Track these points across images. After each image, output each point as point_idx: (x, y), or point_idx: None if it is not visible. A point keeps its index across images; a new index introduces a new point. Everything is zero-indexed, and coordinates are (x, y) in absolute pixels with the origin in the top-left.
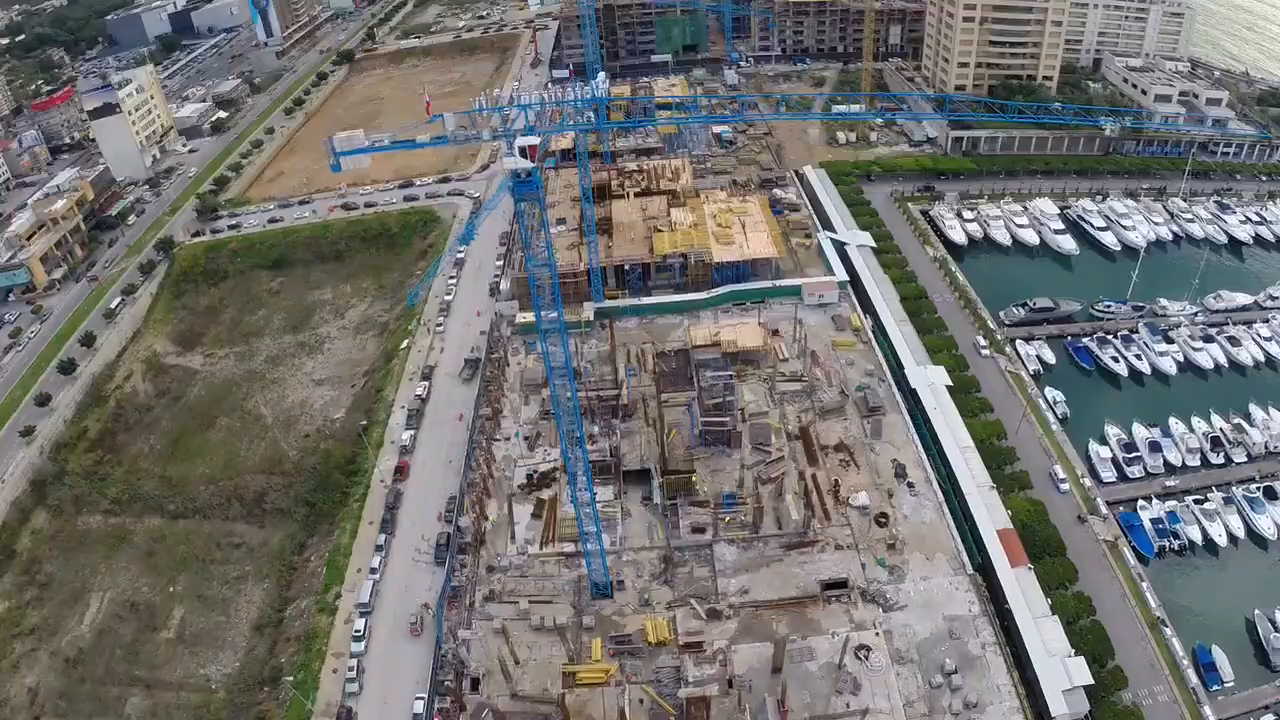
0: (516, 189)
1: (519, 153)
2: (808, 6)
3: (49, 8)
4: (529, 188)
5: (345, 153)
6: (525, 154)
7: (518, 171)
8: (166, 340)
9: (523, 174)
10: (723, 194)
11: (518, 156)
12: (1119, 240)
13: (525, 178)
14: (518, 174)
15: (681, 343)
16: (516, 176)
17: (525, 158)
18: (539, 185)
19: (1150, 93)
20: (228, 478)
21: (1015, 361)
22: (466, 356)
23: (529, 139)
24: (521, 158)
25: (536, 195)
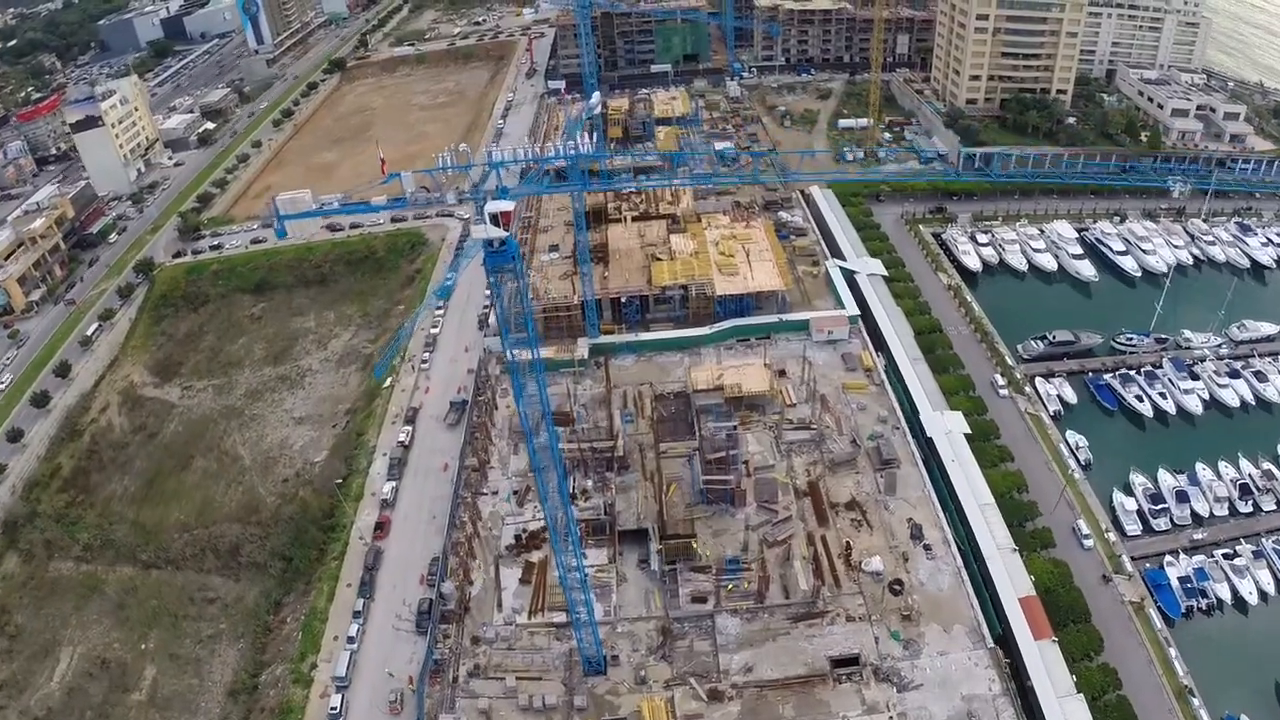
0: (489, 259)
1: (489, 219)
2: (812, 15)
3: (43, 11)
4: (503, 258)
5: (290, 216)
6: (497, 221)
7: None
8: (144, 369)
9: (495, 243)
10: (725, 219)
11: (488, 224)
12: (1139, 265)
13: (498, 247)
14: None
15: (681, 384)
16: (488, 245)
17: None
18: (515, 253)
19: (1167, 107)
20: (203, 526)
21: (1035, 402)
22: (452, 399)
23: (501, 204)
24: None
25: (512, 266)
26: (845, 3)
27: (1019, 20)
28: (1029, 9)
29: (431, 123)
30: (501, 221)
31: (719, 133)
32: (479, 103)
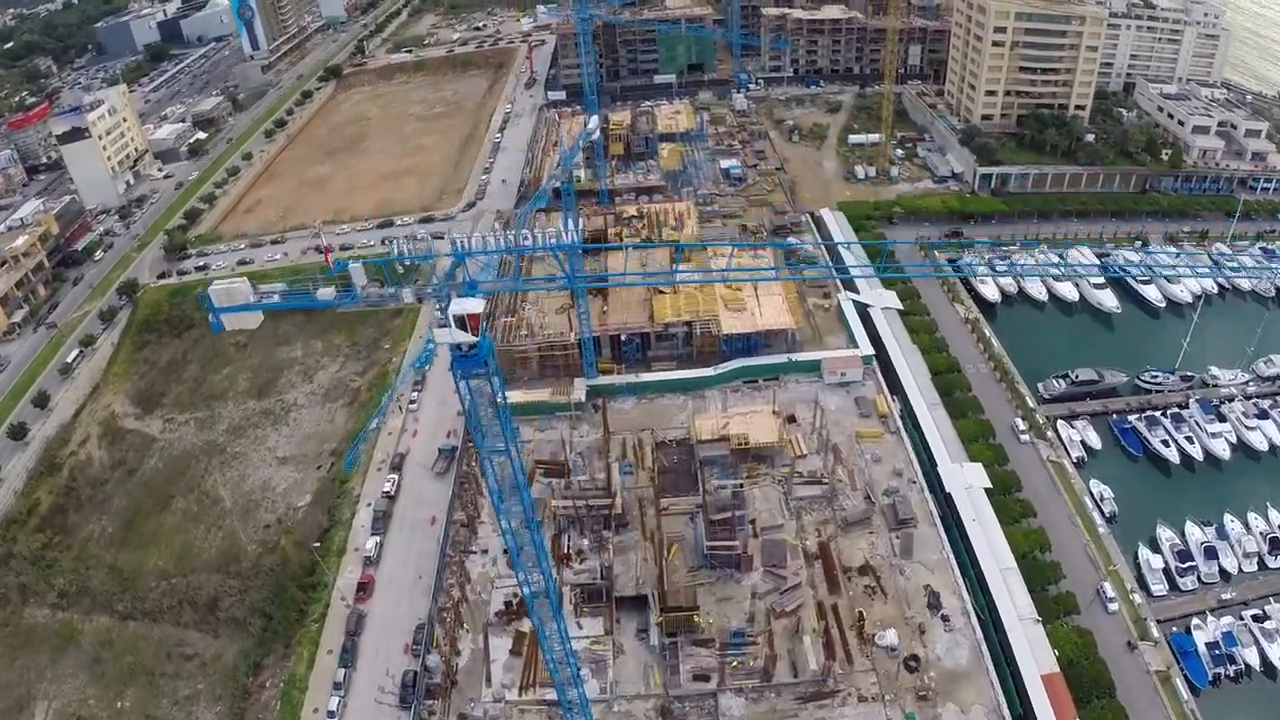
0: (457, 365)
1: (454, 322)
2: (822, 25)
3: (42, 12)
4: (473, 363)
5: (227, 309)
6: (465, 325)
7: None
8: (125, 399)
9: (464, 347)
10: None
11: (453, 327)
12: (1163, 295)
13: (467, 351)
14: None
15: (684, 429)
16: (456, 348)
17: (465, 329)
18: (489, 357)
19: (1188, 124)
20: (181, 574)
21: (1057, 448)
22: (441, 445)
23: (468, 303)
24: (459, 329)
25: (486, 372)
26: (856, 11)
27: (1038, 33)
28: (1048, 21)
29: (428, 134)
30: (469, 326)
31: (724, 149)
32: (477, 114)
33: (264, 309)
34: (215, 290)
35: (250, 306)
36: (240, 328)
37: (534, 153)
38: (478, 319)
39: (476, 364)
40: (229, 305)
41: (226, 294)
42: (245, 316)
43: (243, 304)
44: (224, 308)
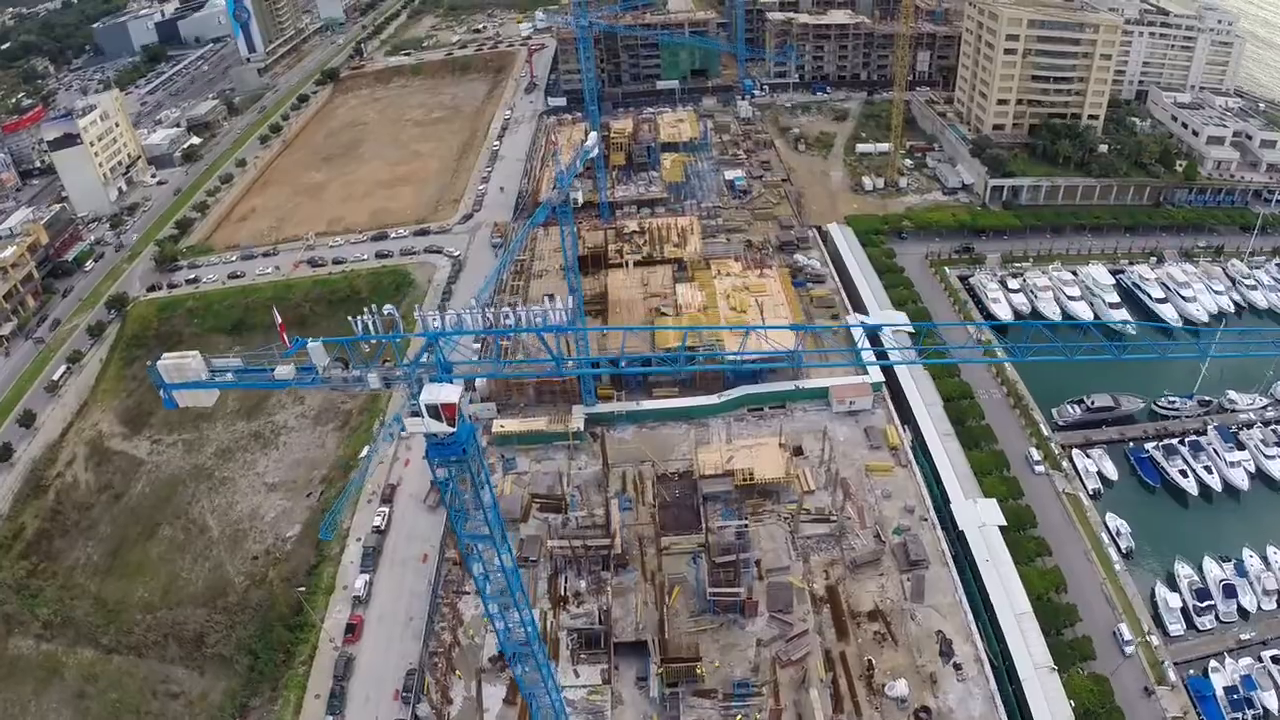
0: (432, 453)
1: (428, 412)
2: (828, 30)
3: (41, 11)
4: (450, 450)
5: (177, 385)
6: (438, 414)
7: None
8: (113, 417)
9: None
10: (737, 265)
11: (426, 417)
12: (1179, 314)
13: (444, 438)
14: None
15: (686, 461)
16: (431, 434)
17: (438, 419)
18: (468, 444)
19: (1203, 134)
20: (167, 606)
21: (1073, 479)
22: (434, 478)
23: (443, 391)
24: (433, 419)
25: (465, 459)
26: (863, 17)
27: (1051, 41)
28: (1062, 29)
29: (425, 140)
30: (444, 415)
31: (729, 159)
32: (475, 119)
33: (218, 387)
34: (165, 365)
35: (203, 384)
36: (195, 405)
37: (533, 162)
38: (454, 409)
39: (453, 451)
40: (180, 382)
41: (177, 370)
42: (200, 394)
43: (195, 381)
44: (176, 384)
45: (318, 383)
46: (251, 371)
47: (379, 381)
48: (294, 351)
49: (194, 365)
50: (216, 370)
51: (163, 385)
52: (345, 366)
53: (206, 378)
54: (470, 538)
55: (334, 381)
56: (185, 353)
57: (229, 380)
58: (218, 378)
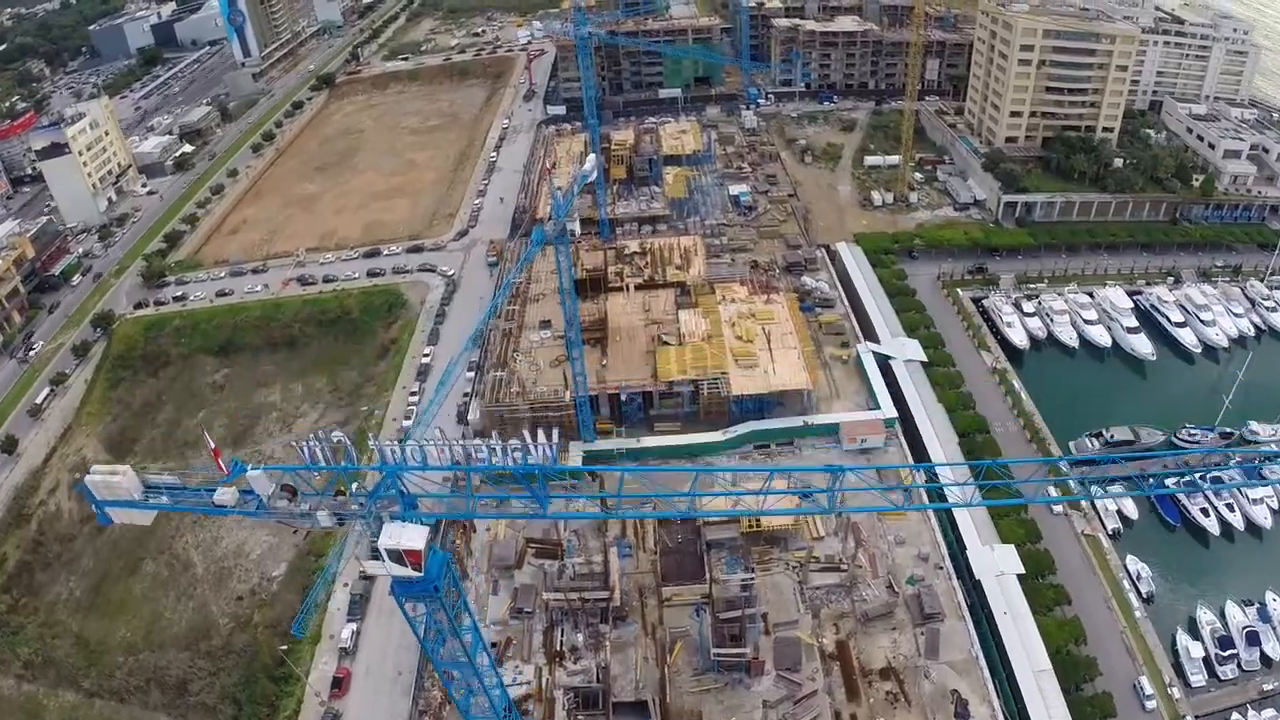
0: (398, 589)
1: (388, 556)
2: (835, 37)
3: (39, 12)
4: (420, 587)
5: (110, 503)
6: (401, 560)
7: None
8: (98, 443)
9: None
10: (743, 289)
11: (386, 560)
12: (1199, 338)
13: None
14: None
15: (690, 503)
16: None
17: (401, 564)
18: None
19: (1219, 147)
20: (150, 648)
21: (1092, 519)
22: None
23: (406, 533)
24: (395, 563)
25: (437, 596)
26: (870, 24)
27: (1066, 51)
28: (1078, 39)
29: (421, 149)
30: (409, 562)
31: (733, 172)
32: (473, 128)
33: (150, 509)
34: (94, 481)
35: (133, 504)
36: (130, 523)
37: (530, 175)
38: (419, 555)
39: (423, 589)
40: (112, 500)
41: (106, 486)
42: (135, 512)
43: (125, 500)
44: (107, 501)
45: (263, 513)
46: (189, 493)
47: (329, 520)
48: (232, 479)
49: (125, 483)
50: (151, 488)
51: (94, 502)
52: (293, 496)
53: (139, 497)
54: (449, 665)
55: (280, 514)
56: (116, 467)
57: (164, 503)
58: (151, 498)
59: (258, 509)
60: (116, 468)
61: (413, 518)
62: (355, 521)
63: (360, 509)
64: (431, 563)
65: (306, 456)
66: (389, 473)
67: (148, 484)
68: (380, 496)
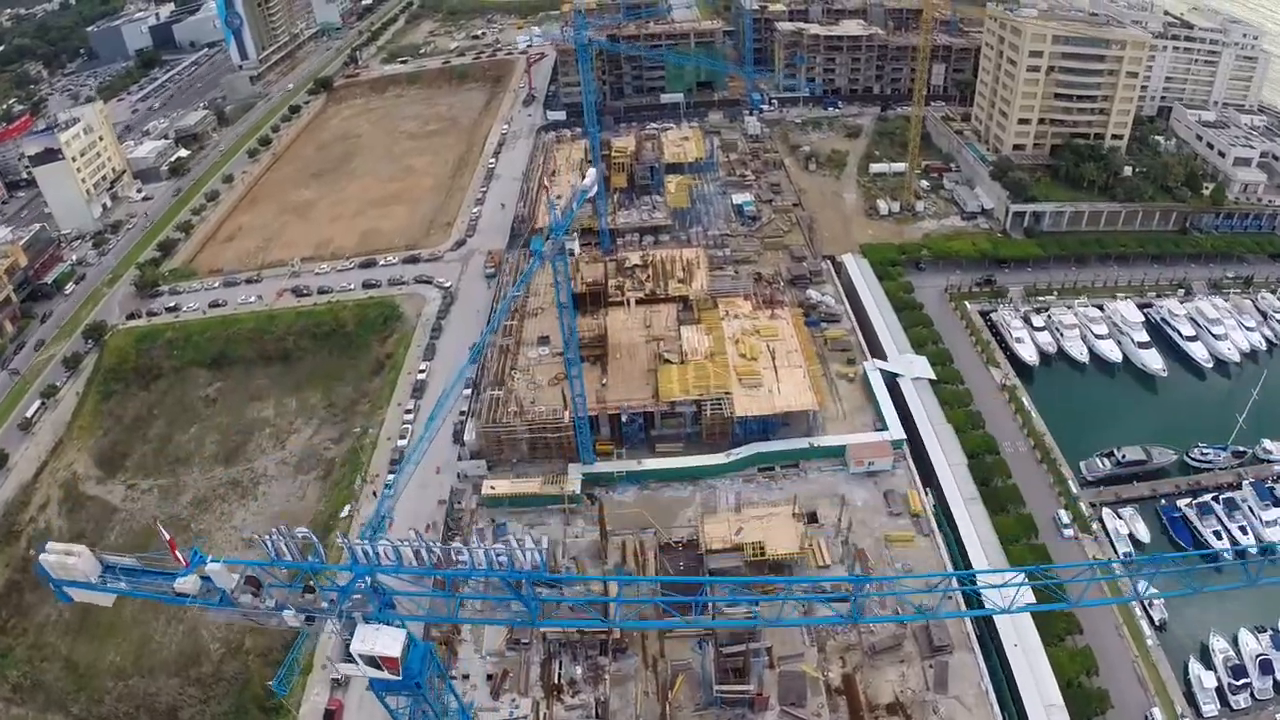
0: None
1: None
2: (840, 42)
3: (39, 13)
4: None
5: (68, 583)
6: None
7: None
8: (89, 458)
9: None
10: (746, 304)
11: (360, 663)
12: (1210, 353)
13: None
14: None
15: (691, 527)
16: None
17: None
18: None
19: (1229, 154)
20: (140, 672)
21: (1103, 543)
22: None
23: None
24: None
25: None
26: (876, 28)
27: (1076, 58)
28: (1089, 45)
29: (420, 154)
30: (384, 666)
31: (736, 180)
32: (472, 133)
33: (109, 592)
34: (49, 560)
35: (92, 586)
36: (91, 603)
37: (529, 184)
38: (396, 662)
39: (404, 687)
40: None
41: (61, 566)
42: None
43: (83, 581)
44: (64, 581)
45: (227, 607)
46: (149, 577)
47: (298, 619)
48: (190, 571)
49: (81, 564)
50: (109, 569)
51: (51, 581)
52: (257, 590)
53: (97, 579)
54: None
55: (244, 609)
56: (72, 547)
57: (122, 588)
58: (109, 581)
59: (221, 601)
60: (72, 547)
61: (389, 618)
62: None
63: (331, 606)
64: (412, 660)
65: (271, 551)
66: (359, 573)
67: (105, 564)
68: (352, 593)
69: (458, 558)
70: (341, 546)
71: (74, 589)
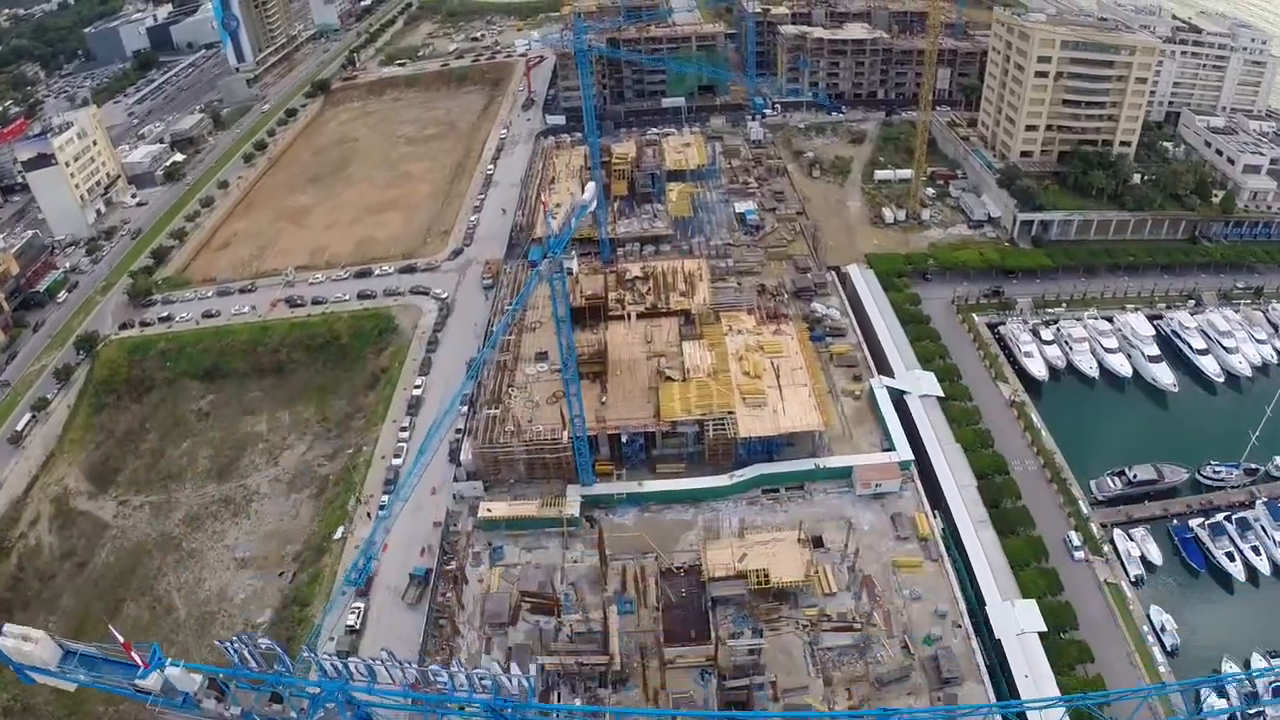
0: None
1: None
2: (844, 45)
3: (37, 13)
4: None
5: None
6: None
7: None
8: (80, 473)
9: None
10: (749, 318)
11: None
12: (1221, 367)
13: None
14: None
15: (694, 552)
16: None
17: None
18: None
19: (1239, 161)
20: (130, 700)
21: (1114, 565)
22: (413, 569)
23: None
24: None
25: None
26: (880, 31)
27: (1084, 64)
28: (1098, 51)
29: (417, 160)
30: None
31: (739, 187)
32: (470, 137)
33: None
34: (5, 645)
35: (51, 673)
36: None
37: (528, 191)
38: None
39: None
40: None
41: (18, 651)
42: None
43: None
44: (25, 666)
45: (191, 709)
46: (111, 668)
47: None
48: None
49: (38, 651)
50: (69, 655)
51: (11, 665)
52: (221, 696)
53: (55, 666)
54: None
55: (209, 715)
56: (30, 632)
57: (82, 679)
58: (69, 670)
59: (185, 703)
60: (30, 633)
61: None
62: None
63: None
64: None
65: (235, 659)
66: (328, 690)
67: (65, 649)
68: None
69: (436, 680)
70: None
71: (35, 673)
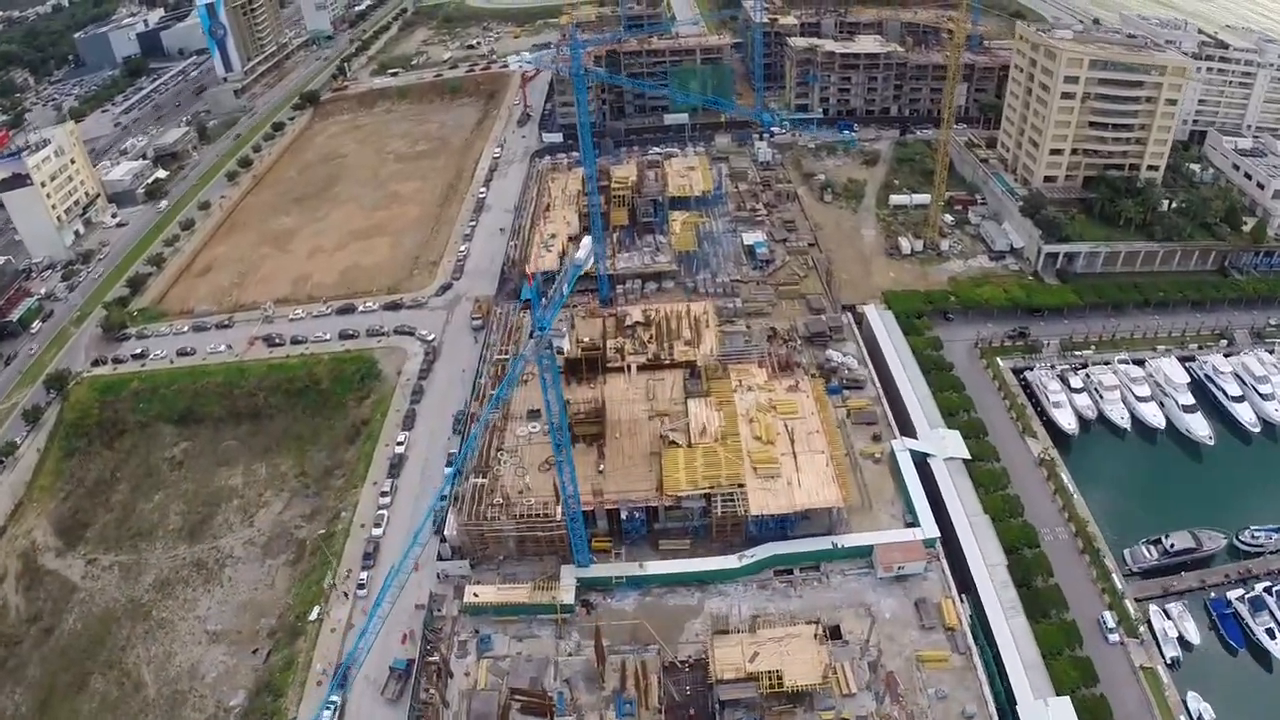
0: None
1: None
2: (856, 60)
3: (31, 16)
4: None
5: None
6: None
7: None
8: (48, 525)
9: None
10: (760, 372)
11: None
12: (1258, 416)
13: None
14: None
15: (700, 643)
16: None
17: None
18: None
19: (1269, 186)
20: None
21: (1150, 646)
22: (393, 660)
23: None
24: None
25: None
26: (894, 45)
27: (1113, 84)
28: (1127, 71)
29: (407, 179)
30: None
31: (747, 215)
32: (463, 155)
33: None
34: None
35: None
36: None
37: (521, 220)
38: None
39: None
40: None
41: None
42: None
43: None
44: None
45: None
46: None
47: None
48: None
49: None
50: None
51: None
52: None
53: None
54: None
55: None
56: None
57: None
58: None
59: None
60: None
61: None
62: None
63: None
64: None
65: None
66: None
67: None
68: None
69: None
70: None
71: None
